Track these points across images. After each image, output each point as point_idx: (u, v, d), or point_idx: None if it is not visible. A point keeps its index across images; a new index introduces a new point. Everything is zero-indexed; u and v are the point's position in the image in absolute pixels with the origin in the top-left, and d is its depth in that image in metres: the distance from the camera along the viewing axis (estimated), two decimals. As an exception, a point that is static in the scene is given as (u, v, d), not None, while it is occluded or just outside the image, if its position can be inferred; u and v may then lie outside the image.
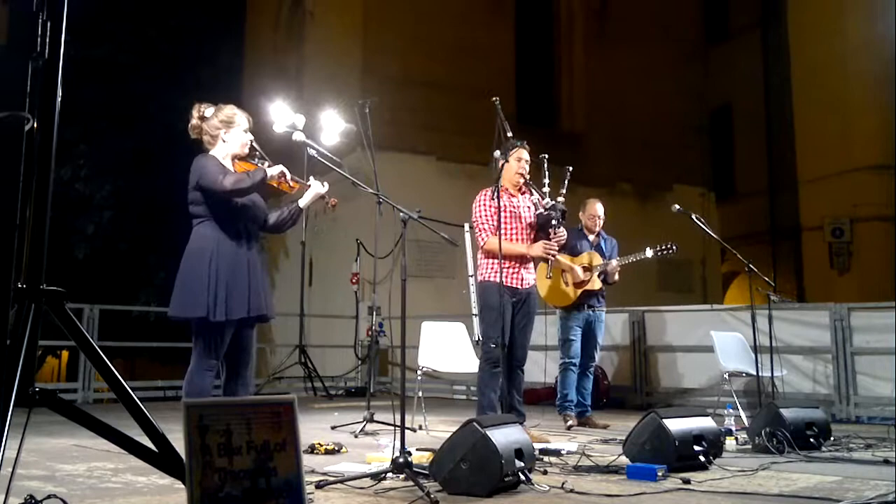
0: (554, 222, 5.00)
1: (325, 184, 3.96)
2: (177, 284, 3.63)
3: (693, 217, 5.85)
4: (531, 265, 5.25)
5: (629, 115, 15.14)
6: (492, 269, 5.05)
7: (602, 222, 6.45)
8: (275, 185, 3.81)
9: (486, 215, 5.08)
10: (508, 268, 5.02)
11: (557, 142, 14.62)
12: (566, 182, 5.44)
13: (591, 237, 6.41)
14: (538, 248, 5.07)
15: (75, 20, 2.28)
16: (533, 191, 5.17)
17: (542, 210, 5.06)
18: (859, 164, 14.50)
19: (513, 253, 5.06)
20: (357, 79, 13.08)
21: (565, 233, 5.11)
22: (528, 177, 5.18)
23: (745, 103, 18.64)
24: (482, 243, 5.08)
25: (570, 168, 5.46)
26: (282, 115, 9.22)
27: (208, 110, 3.85)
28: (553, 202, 5.06)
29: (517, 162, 5.14)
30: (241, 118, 3.84)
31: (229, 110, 3.85)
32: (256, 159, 3.87)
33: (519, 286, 5.10)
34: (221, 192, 3.61)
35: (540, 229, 5.14)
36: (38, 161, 2.14)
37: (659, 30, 16.15)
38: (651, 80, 15.56)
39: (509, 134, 4.92)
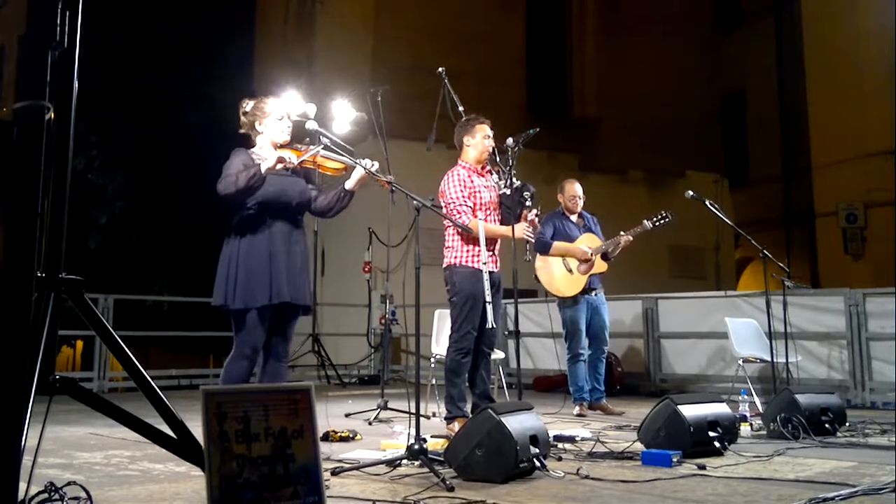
0: (528, 203, 4.72)
1: (374, 163, 3.78)
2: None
3: (707, 203, 5.81)
4: (497, 248, 4.92)
5: (641, 102, 15.04)
6: (468, 252, 4.78)
7: (582, 202, 6.32)
8: (311, 167, 3.75)
9: (461, 196, 4.80)
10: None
11: (569, 129, 14.57)
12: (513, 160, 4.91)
13: (575, 218, 6.29)
14: (520, 230, 4.73)
15: (86, 11, 2.28)
16: (497, 170, 4.88)
17: (506, 190, 4.76)
18: (873, 150, 14.35)
19: (496, 235, 4.77)
20: (367, 68, 13.07)
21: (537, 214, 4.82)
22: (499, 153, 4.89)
23: (758, 89, 18.51)
24: (468, 224, 4.70)
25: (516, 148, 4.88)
26: (293, 104, 9.25)
27: (249, 105, 3.87)
28: (521, 182, 4.76)
29: (484, 139, 4.87)
30: (273, 107, 3.84)
31: (261, 101, 3.86)
32: (303, 145, 3.80)
33: (493, 270, 4.75)
34: (220, 196, 3.61)
35: (507, 209, 4.83)
36: (55, 150, 2.15)
37: (671, 16, 16.04)
38: (663, 67, 15.46)
39: (460, 108, 4.76)
